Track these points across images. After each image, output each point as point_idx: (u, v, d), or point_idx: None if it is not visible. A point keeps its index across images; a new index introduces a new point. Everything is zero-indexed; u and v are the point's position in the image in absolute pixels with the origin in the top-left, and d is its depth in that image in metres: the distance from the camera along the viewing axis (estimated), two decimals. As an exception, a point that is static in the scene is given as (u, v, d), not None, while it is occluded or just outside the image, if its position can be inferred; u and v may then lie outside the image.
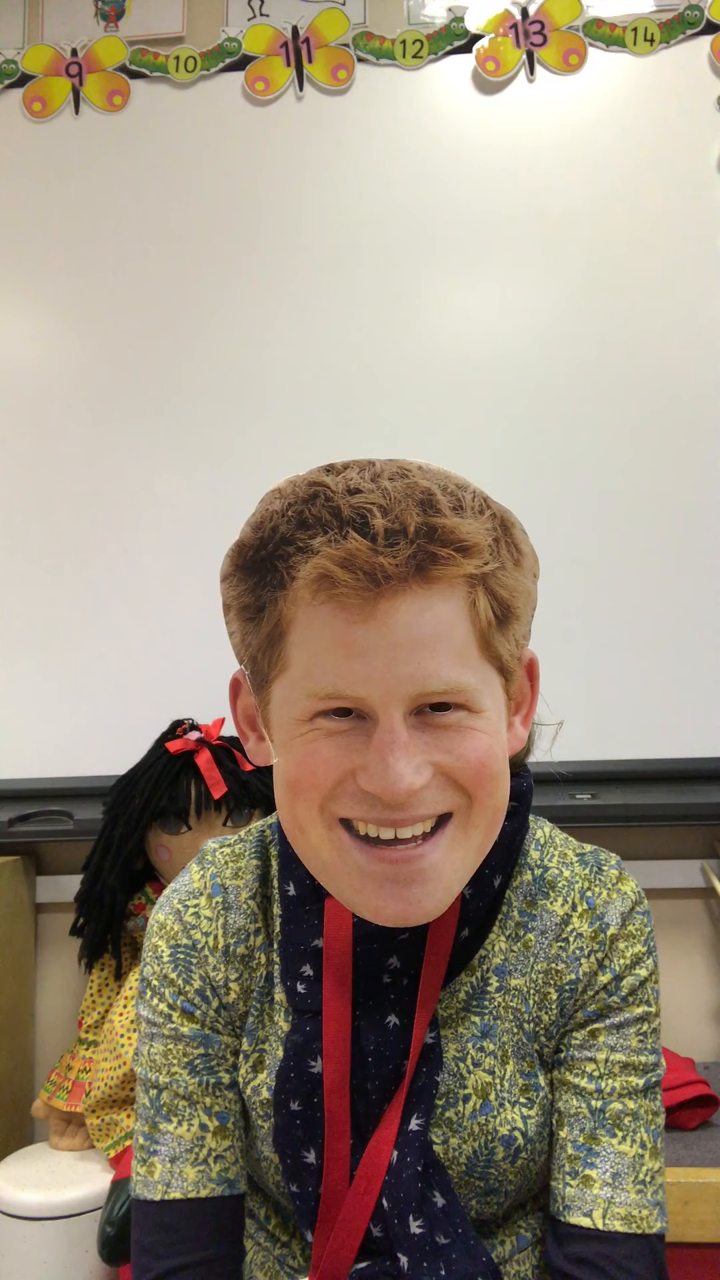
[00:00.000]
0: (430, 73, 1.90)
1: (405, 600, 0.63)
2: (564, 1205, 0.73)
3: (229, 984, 0.77)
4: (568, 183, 1.86)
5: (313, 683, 0.65)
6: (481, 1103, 0.75)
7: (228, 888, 0.79)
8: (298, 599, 0.65)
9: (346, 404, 1.87)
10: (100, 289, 1.94)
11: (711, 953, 1.77)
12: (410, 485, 0.64)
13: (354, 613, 0.63)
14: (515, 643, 0.69)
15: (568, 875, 0.78)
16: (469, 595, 0.65)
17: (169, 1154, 0.75)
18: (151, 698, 1.80)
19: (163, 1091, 0.77)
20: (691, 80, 1.85)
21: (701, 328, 1.81)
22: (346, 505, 0.63)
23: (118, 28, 1.98)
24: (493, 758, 0.66)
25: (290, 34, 1.92)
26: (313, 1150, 0.73)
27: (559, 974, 0.76)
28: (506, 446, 1.83)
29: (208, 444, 1.89)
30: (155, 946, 0.79)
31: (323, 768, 0.65)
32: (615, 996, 0.75)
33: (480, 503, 0.67)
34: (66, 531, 1.90)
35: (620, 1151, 0.73)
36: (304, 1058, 0.73)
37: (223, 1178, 0.76)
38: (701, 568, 1.78)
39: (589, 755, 1.73)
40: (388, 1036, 0.73)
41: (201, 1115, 0.76)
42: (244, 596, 0.68)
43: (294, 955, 0.76)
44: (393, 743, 0.63)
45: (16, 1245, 1.45)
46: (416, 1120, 0.72)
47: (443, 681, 0.64)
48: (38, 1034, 1.85)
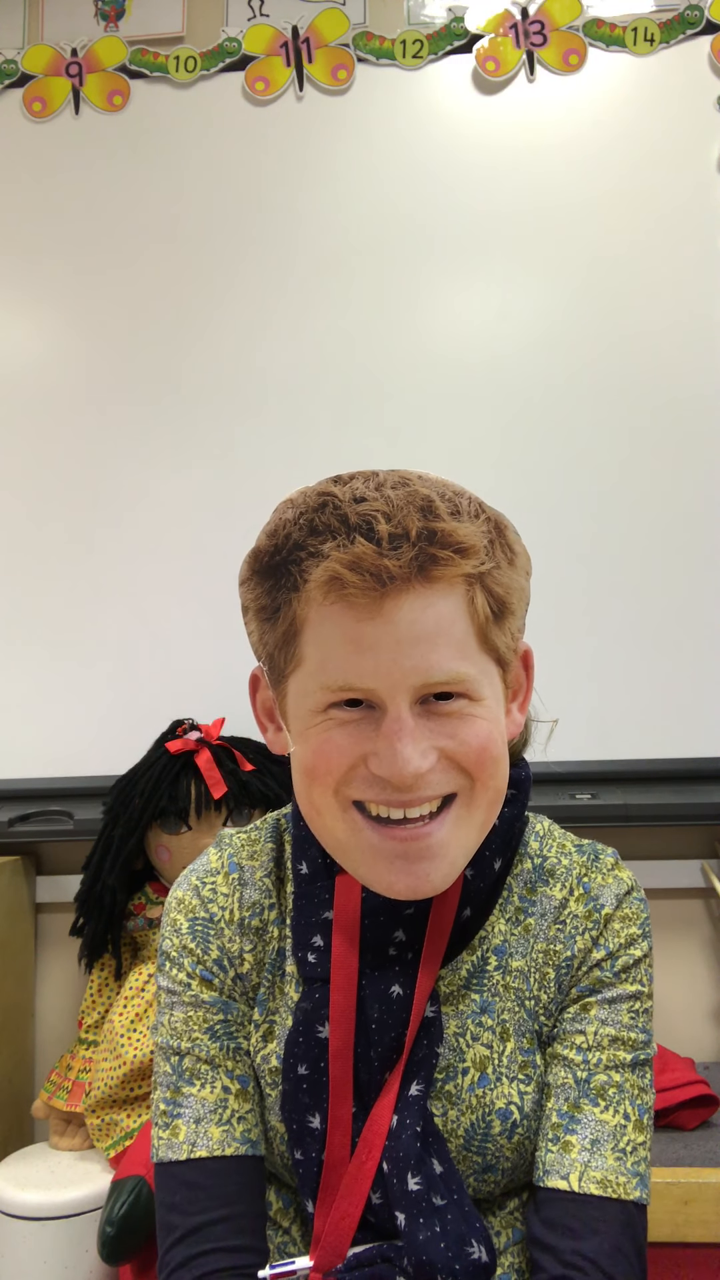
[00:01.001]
0: (430, 73, 1.90)
1: (409, 599, 0.68)
2: (543, 1171, 0.76)
3: (244, 955, 0.82)
4: (568, 183, 1.86)
5: (326, 676, 0.70)
6: (479, 1075, 0.78)
7: (244, 867, 0.84)
8: (310, 599, 0.71)
9: (346, 403, 1.87)
10: (100, 288, 1.94)
11: (711, 953, 1.77)
12: (411, 493, 0.70)
13: (362, 611, 0.68)
14: (511, 635, 0.75)
15: (566, 863, 0.82)
16: (467, 593, 0.71)
17: (193, 1115, 0.79)
18: (151, 698, 1.80)
19: (185, 1057, 0.80)
20: (691, 80, 1.85)
21: (702, 327, 1.81)
22: (353, 513, 0.69)
23: (118, 28, 1.98)
24: (493, 741, 0.72)
25: (290, 34, 1.92)
26: (317, 1115, 0.76)
27: (556, 953, 0.80)
28: (506, 446, 1.83)
29: (208, 443, 1.89)
30: (174, 921, 0.83)
31: (336, 754, 0.71)
32: (608, 973, 0.79)
33: (475, 507, 0.73)
34: (66, 531, 1.90)
35: (601, 1120, 0.76)
36: (312, 1023, 0.77)
37: (246, 1138, 0.79)
38: (702, 568, 1.78)
39: (589, 755, 1.74)
40: (390, 1005, 0.77)
41: (224, 1078, 0.80)
42: (261, 599, 0.74)
43: (305, 927, 0.80)
44: (400, 730, 0.69)
45: (16, 1245, 1.45)
46: (416, 1086, 0.76)
47: (445, 672, 0.69)
48: (38, 1034, 1.85)
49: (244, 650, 1.96)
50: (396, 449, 1.84)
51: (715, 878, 1.73)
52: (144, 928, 1.64)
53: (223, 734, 1.67)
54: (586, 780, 1.73)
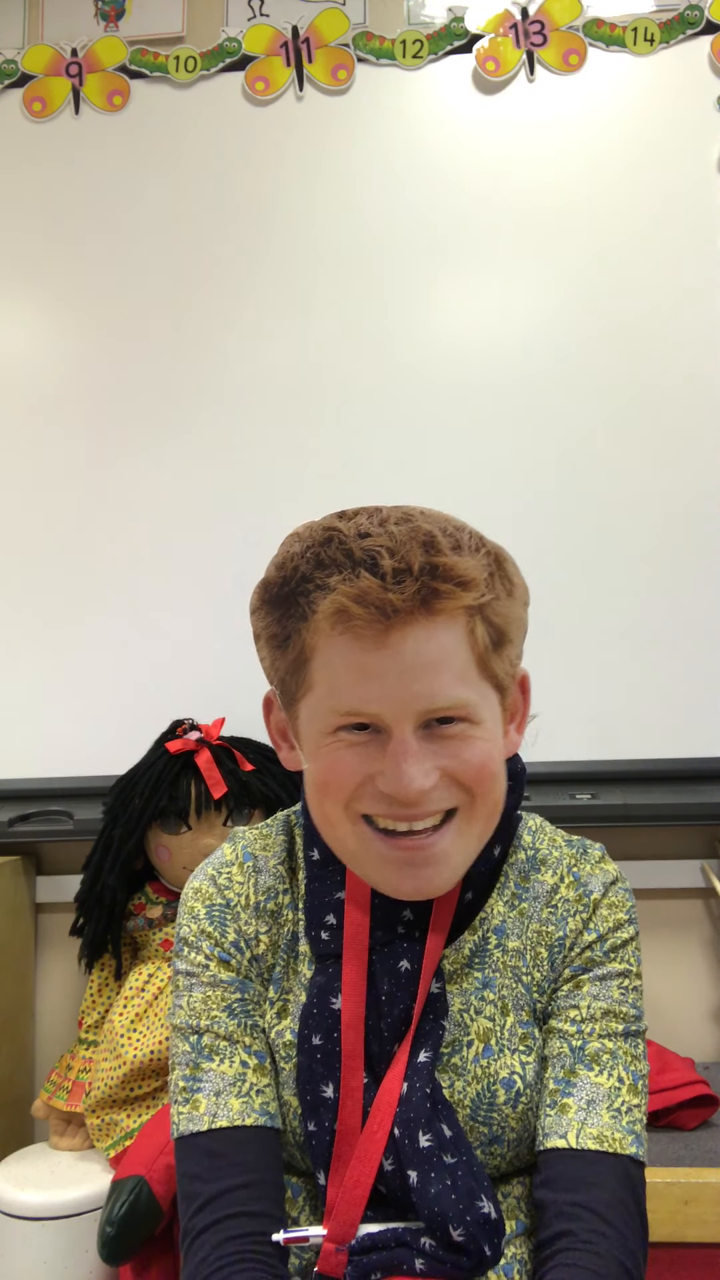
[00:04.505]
0: (430, 73, 1.90)
1: (413, 630, 0.73)
2: (543, 1135, 0.80)
3: (259, 936, 0.86)
4: (568, 183, 1.86)
5: (335, 701, 0.75)
6: (483, 1047, 0.83)
7: (258, 856, 0.89)
8: (318, 630, 0.75)
9: (347, 404, 1.87)
10: (100, 289, 1.94)
11: (711, 953, 1.77)
12: (414, 529, 0.74)
13: (368, 642, 0.73)
14: (509, 663, 0.80)
15: (556, 855, 0.88)
16: (468, 624, 0.75)
17: (213, 1088, 0.81)
18: (151, 698, 1.80)
19: (204, 1035, 0.83)
20: (691, 80, 1.85)
21: (702, 326, 1.81)
22: (358, 548, 0.73)
23: (118, 28, 1.98)
24: (491, 760, 0.77)
25: (290, 34, 1.92)
26: (331, 1085, 0.80)
27: (549, 934, 0.85)
28: (506, 445, 1.83)
29: (208, 444, 1.89)
30: (192, 909, 0.87)
31: (346, 773, 0.76)
32: (599, 953, 0.84)
33: (476, 542, 0.77)
34: (66, 532, 1.90)
35: (596, 1083, 0.80)
36: (326, 996, 0.82)
37: (265, 1110, 0.82)
38: (702, 568, 1.78)
39: (589, 755, 1.74)
40: (399, 979, 0.81)
41: (242, 1053, 0.83)
42: (271, 627, 0.79)
43: (319, 907, 0.85)
44: (405, 752, 0.74)
45: (16, 1245, 1.45)
46: (425, 1054, 0.80)
47: (447, 699, 0.74)
48: (38, 1034, 1.85)
49: (243, 651, 1.97)
50: (396, 448, 1.84)
51: (715, 878, 1.73)
52: (144, 928, 1.64)
53: (223, 734, 1.67)
54: (586, 780, 1.73)
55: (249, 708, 1.72)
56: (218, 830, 1.60)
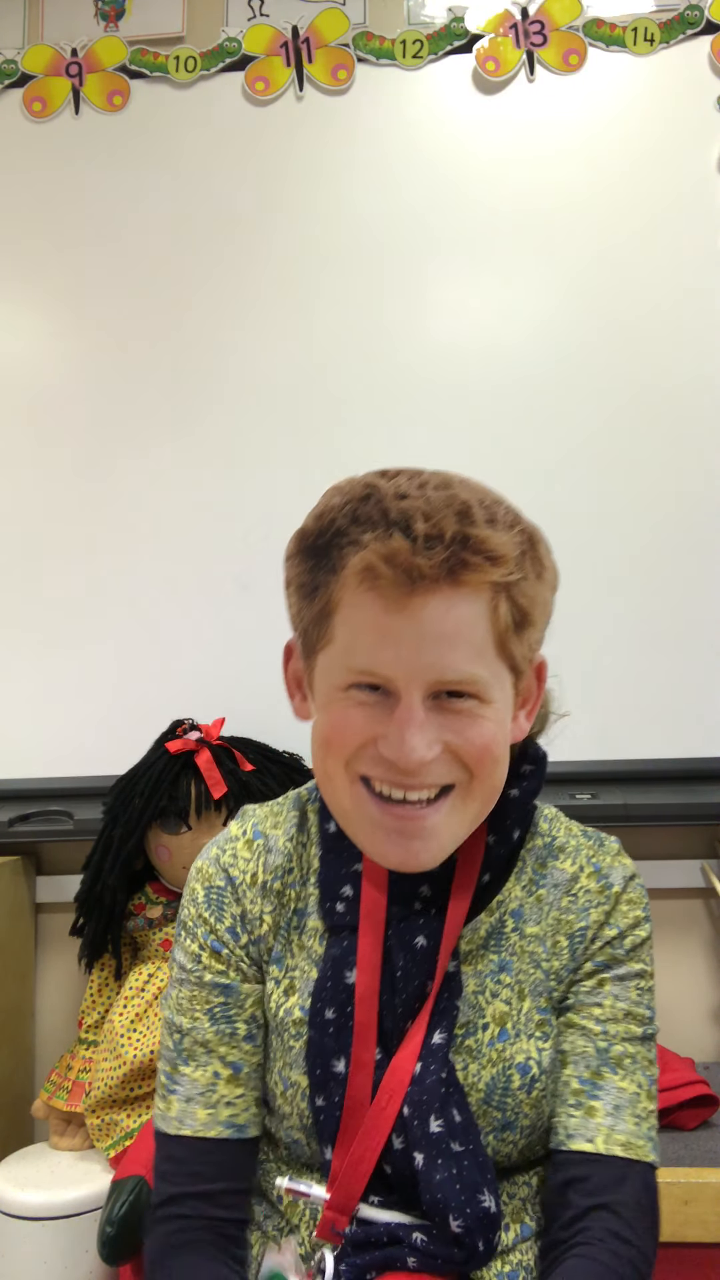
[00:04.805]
0: (430, 73, 1.90)
1: (435, 598, 0.72)
2: (567, 1135, 0.80)
3: (263, 916, 0.85)
4: (567, 182, 1.86)
5: (350, 658, 0.75)
6: (499, 1030, 0.82)
7: (268, 834, 0.88)
8: (346, 584, 0.75)
9: (347, 403, 1.87)
10: (100, 289, 1.93)
11: (711, 953, 1.77)
12: (451, 496, 0.74)
13: (390, 603, 0.72)
14: (529, 646, 0.79)
15: (574, 844, 0.88)
16: (492, 600, 0.74)
17: (185, 1094, 0.84)
18: (151, 698, 1.80)
19: (185, 1036, 0.85)
20: (691, 80, 1.85)
21: (702, 326, 1.81)
22: (394, 508, 0.73)
23: (118, 28, 1.98)
24: (495, 743, 0.76)
25: (290, 34, 1.92)
26: (342, 1059, 0.80)
27: (569, 923, 0.84)
28: (506, 445, 1.83)
29: (208, 443, 1.89)
30: (193, 890, 0.87)
31: (350, 731, 0.76)
32: (620, 950, 0.84)
33: (512, 518, 0.77)
34: (66, 531, 1.90)
35: (621, 1087, 0.80)
36: (340, 969, 0.81)
37: (231, 1122, 0.83)
38: (702, 567, 1.78)
39: (589, 755, 1.73)
40: (415, 956, 0.80)
41: (216, 1063, 0.84)
42: (302, 576, 0.79)
43: (334, 879, 0.85)
44: (410, 719, 0.73)
45: (16, 1245, 1.45)
46: (440, 1035, 0.79)
47: (459, 672, 0.74)
48: (38, 1034, 1.85)
49: (243, 651, 1.96)
50: (396, 447, 1.84)
51: (715, 878, 1.73)
52: (144, 928, 1.64)
53: (223, 734, 1.67)
54: (586, 780, 1.73)
55: (249, 708, 1.74)
56: (218, 830, 1.60)
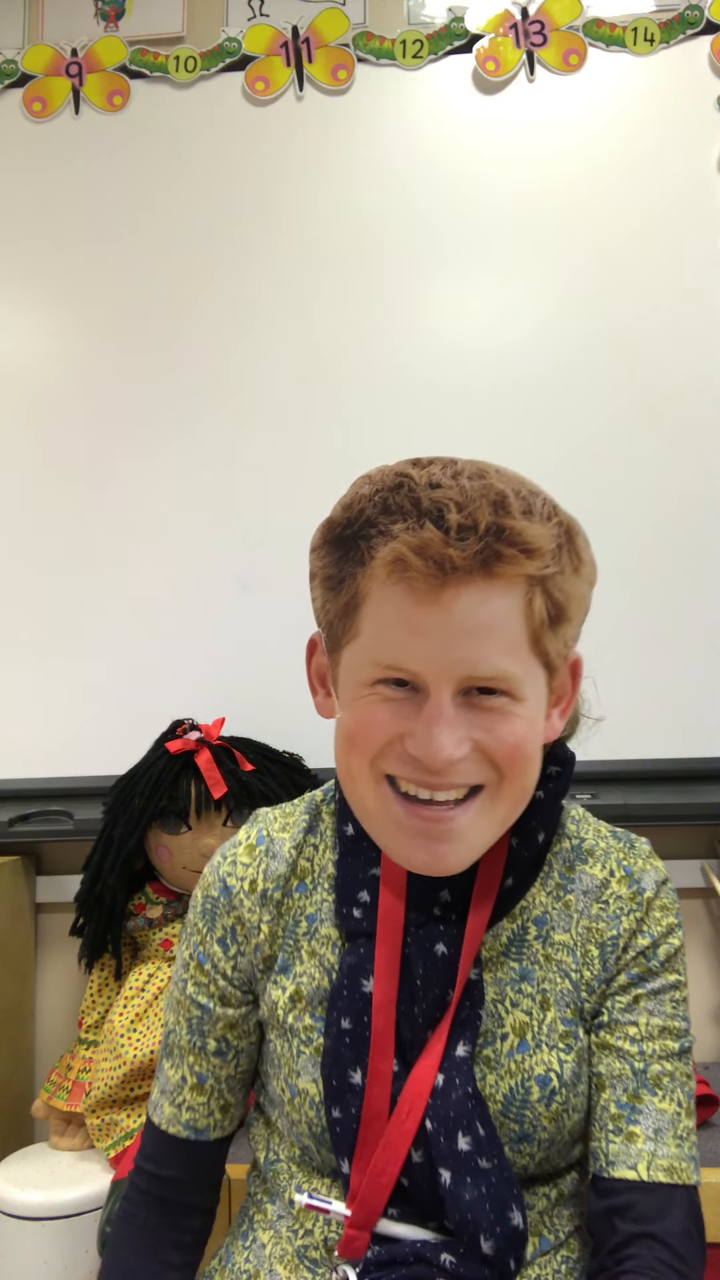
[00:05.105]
0: (430, 73, 1.90)
1: (468, 591, 0.69)
2: (608, 1161, 0.77)
3: (260, 925, 0.84)
4: (567, 182, 1.86)
5: (378, 653, 0.72)
6: (519, 1041, 0.79)
7: (274, 839, 0.87)
8: (374, 576, 0.72)
9: (347, 402, 1.87)
10: (100, 289, 1.93)
11: (712, 953, 1.77)
12: (486, 486, 0.71)
13: (421, 596, 0.70)
14: (564, 643, 0.76)
15: (604, 845, 0.85)
16: (527, 594, 0.71)
17: (160, 1086, 0.88)
18: (151, 698, 1.80)
19: (170, 1032, 0.88)
20: (691, 80, 1.85)
21: (702, 326, 1.81)
22: (426, 498, 0.70)
23: (118, 28, 1.98)
24: (527, 742, 0.74)
25: (290, 34, 1.92)
26: (359, 1070, 0.77)
27: (600, 931, 0.82)
28: (506, 445, 1.82)
29: (209, 443, 1.89)
30: (195, 895, 0.88)
31: (377, 729, 0.73)
32: (654, 962, 0.81)
33: (549, 509, 0.74)
34: (67, 531, 1.90)
35: (661, 1109, 0.78)
36: (357, 977, 0.79)
37: (190, 1125, 0.86)
38: (702, 567, 1.78)
39: (589, 755, 1.72)
40: (435, 964, 0.78)
41: (185, 1069, 0.86)
42: (329, 568, 0.76)
43: (351, 884, 0.82)
44: (439, 716, 0.71)
45: (16, 1245, 1.45)
46: (463, 1047, 0.77)
47: (491, 668, 0.71)
48: (38, 1034, 1.85)
49: (243, 651, 1.95)
50: (399, 449, 1.83)
51: (715, 878, 1.73)
52: (144, 928, 1.64)
53: (223, 734, 1.67)
54: (586, 780, 1.73)
55: (249, 708, 1.74)
56: (218, 830, 1.60)
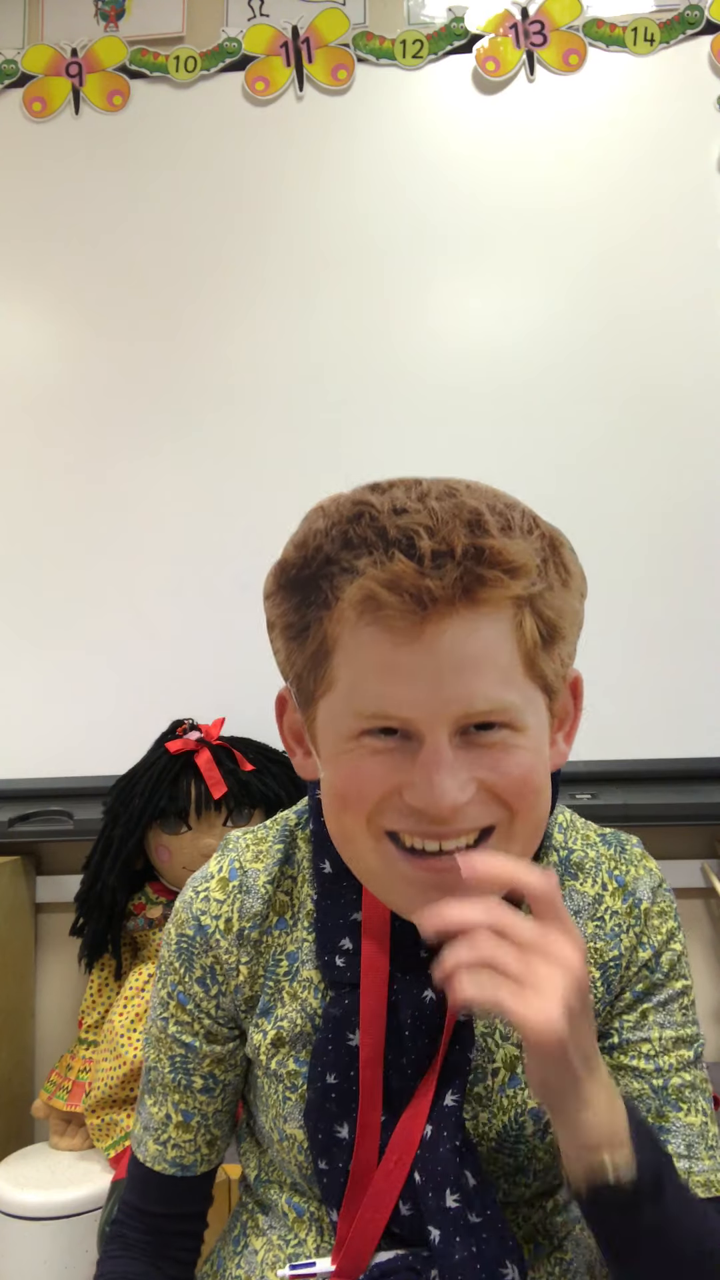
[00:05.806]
0: (430, 73, 1.90)
1: (452, 623, 0.63)
2: None
3: (239, 966, 0.79)
4: (567, 183, 1.86)
5: (359, 703, 0.65)
6: (509, 1076, 0.75)
7: (247, 871, 0.80)
8: (343, 619, 0.65)
9: (347, 403, 1.87)
10: (100, 289, 1.93)
11: (711, 953, 1.77)
12: (458, 505, 0.64)
13: (400, 635, 0.63)
14: (560, 662, 0.70)
15: (593, 856, 0.80)
16: (515, 616, 0.65)
17: (143, 1122, 0.84)
18: (151, 698, 1.80)
19: (151, 1070, 0.84)
20: (691, 80, 1.85)
21: (702, 327, 1.81)
22: (392, 525, 0.63)
23: (118, 28, 1.98)
24: (534, 773, 0.68)
25: (290, 34, 1.92)
26: (345, 1125, 0.74)
27: (600, 951, 0.77)
28: (506, 442, 1.83)
29: (208, 443, 1.89)
30: (169, 932, 0.82)
31: (369, 783, 0.66)
32: (658, 973, 0.78)
33: (529, 522, 0.67)
34: (67, 531, 1.90)
35: (689, 1123, 0.75)
36: (342, 1030, 0.74)
37: (176, 1162, 0.82)
38: (702, 567, 1.78)
39: (589, 755, 1.73)
40: (424, 1010, 0.73)
41: (169, 1106, 0.82)
42: (288, 615, 0.69)
43: (332, 929, 0.76)
44: (439, 762, 0.64)
45: (16, 1245, 1.45)
46: (452, 1096, 0.73)
47: (488, 702, 0.64)
48: (38, 1034, 1.85)
49: (243, 651, 1.95)
50: (399, 448, 1.84)
51: (715, 878, 1.73)
52: (144, 928, 1.64)
53: (223, 734, 1.67)
54: (586, 780, 1.73)
55: (249, 708, 1.73)
56: (218, 830, 1.60)
